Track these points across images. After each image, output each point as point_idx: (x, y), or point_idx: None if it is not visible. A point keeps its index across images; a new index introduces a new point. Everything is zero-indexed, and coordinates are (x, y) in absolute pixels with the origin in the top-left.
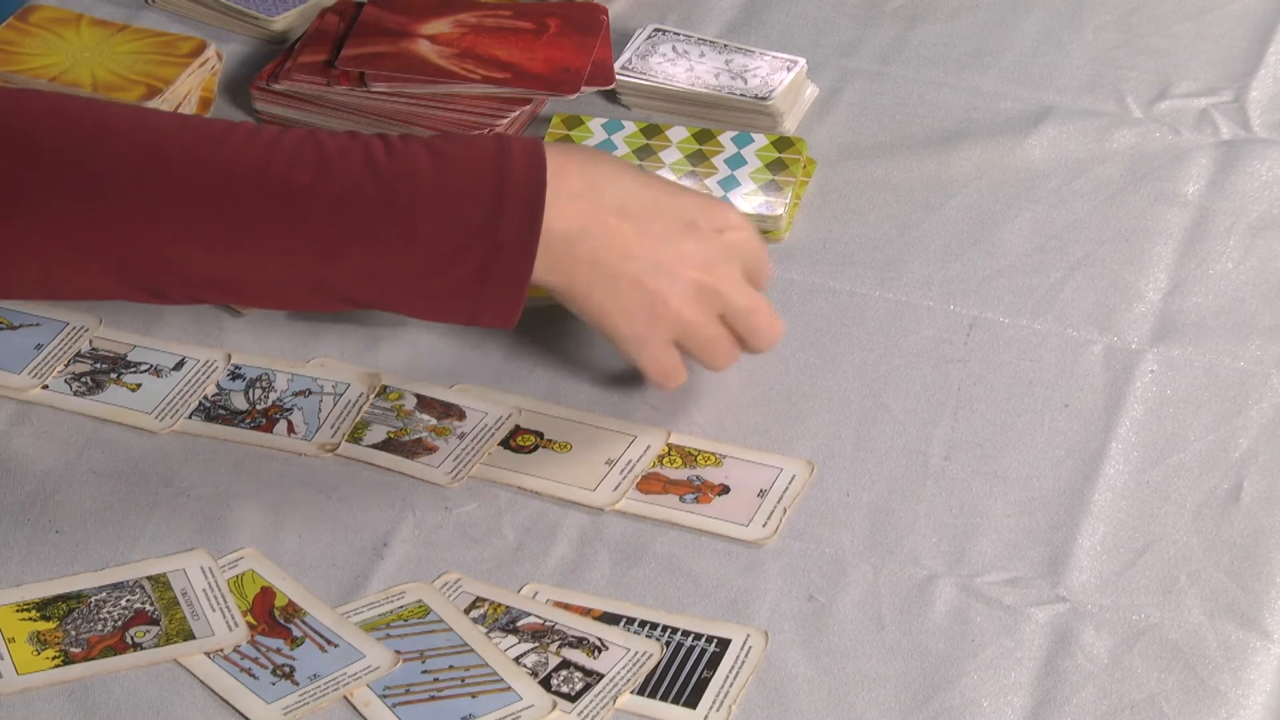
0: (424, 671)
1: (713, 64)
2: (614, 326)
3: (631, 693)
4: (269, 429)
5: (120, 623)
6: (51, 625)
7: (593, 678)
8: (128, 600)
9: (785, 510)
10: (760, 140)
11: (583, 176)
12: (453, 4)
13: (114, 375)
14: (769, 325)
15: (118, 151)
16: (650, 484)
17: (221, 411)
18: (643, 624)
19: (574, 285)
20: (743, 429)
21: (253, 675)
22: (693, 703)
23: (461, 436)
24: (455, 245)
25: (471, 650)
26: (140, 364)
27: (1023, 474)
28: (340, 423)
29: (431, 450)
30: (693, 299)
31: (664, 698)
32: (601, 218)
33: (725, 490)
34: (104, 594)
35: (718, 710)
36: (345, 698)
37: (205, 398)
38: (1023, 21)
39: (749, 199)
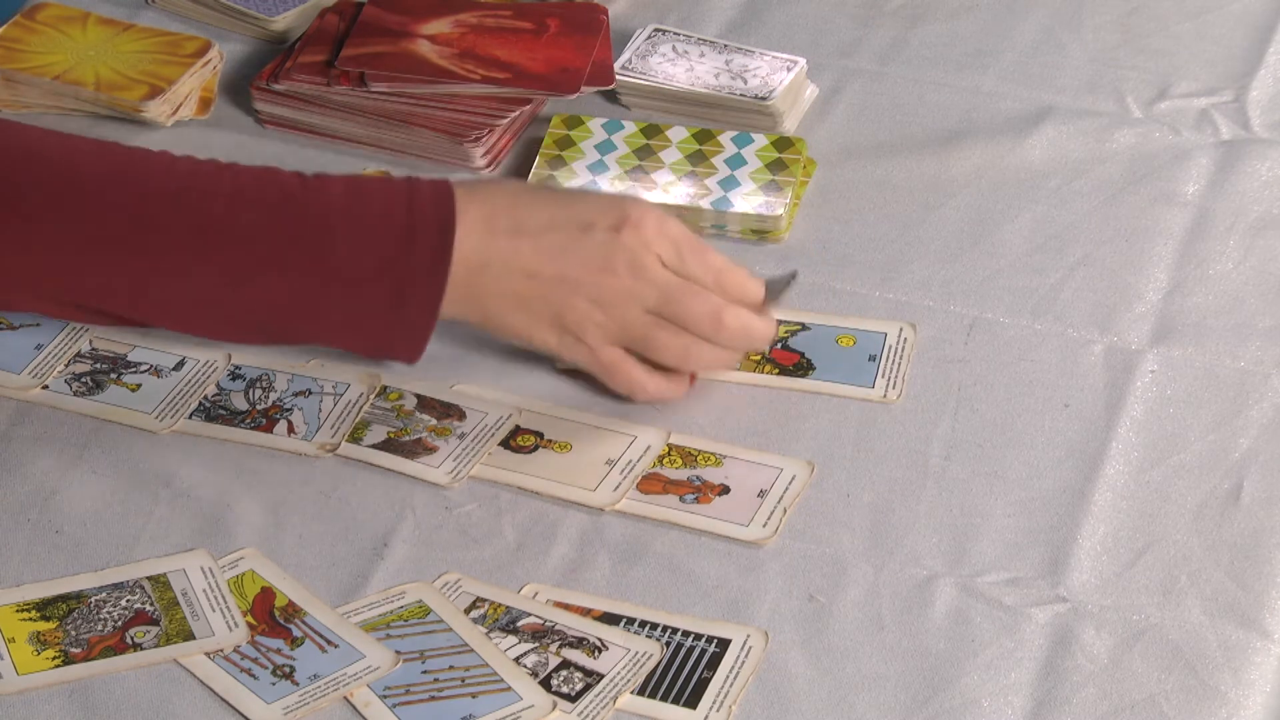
0: (424, 672)
1: (713, 64)
2: (544, 342)
3: (631, 693)
4: (269, 429)
5: (120, 623)
6: (51, 625)
7: (593, 678)
8: (128, 600)
9: (785, 510)
10: (760, 140)
11: (483, 210)
12: (453, 4)
13: (114, 375)
14: (698, 303)
15: (36, 174)
16: (650, 484)
17: (222, 411)
18: (643, 624)
19: (490, 315)
20: (743, 429)
21: (253, 675)
22: (693, 703)
23: (461, 436)
24: (366, 274)
25: (471, 650)
26: (140, 364)
27: (1023, 474)
28: (340, 423)
29: (431, 450)
30: (606, 299)
31: (664, 698)
32: (500, 245)
33: (725, 490)
34: (104, 594)
35: (718, 710)
36: (345, 698)
37: (205, 398)
38: (1023, 21)
39: (749, 199)
